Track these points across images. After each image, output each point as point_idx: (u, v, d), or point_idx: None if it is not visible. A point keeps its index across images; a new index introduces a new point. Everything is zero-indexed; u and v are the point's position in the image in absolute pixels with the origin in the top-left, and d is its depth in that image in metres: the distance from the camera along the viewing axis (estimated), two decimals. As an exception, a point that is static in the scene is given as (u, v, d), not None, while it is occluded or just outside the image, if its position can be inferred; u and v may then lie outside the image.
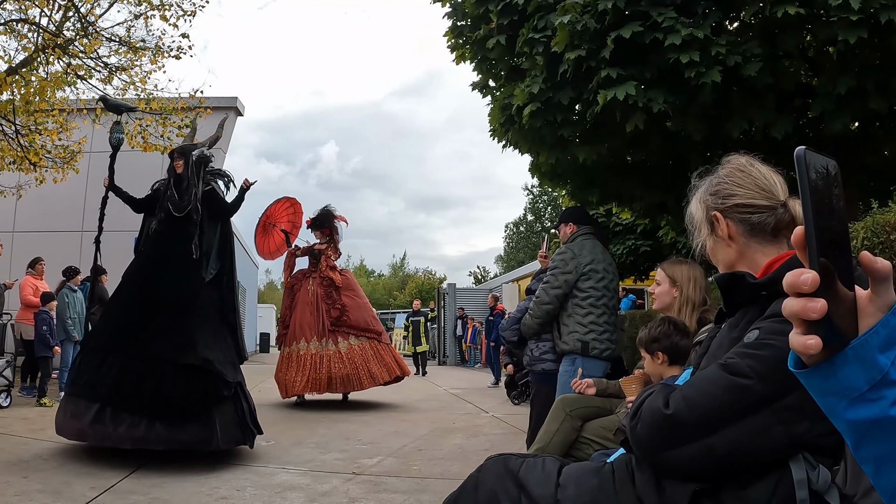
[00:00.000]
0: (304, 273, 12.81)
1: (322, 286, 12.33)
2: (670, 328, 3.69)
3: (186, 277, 7.43)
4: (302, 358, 11.75)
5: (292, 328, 12.23)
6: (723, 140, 6.73)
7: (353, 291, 12.72)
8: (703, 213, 2.22)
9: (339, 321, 12.02)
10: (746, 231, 2.10)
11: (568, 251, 6.14)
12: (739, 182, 2.14)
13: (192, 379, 6.74)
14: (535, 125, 6.44)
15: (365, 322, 12.29)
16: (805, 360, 0.96)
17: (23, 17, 11.79)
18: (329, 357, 11.67)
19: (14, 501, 5.06)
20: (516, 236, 64.94)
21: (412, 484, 6.08)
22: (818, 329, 0.92)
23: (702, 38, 5.44)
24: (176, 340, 6.91)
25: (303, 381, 11.52)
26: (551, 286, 6.05)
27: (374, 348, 12.08)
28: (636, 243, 14.94)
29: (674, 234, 11.49)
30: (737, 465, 1.76)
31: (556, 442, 4.46)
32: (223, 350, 7.27)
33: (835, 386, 0.95)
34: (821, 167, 0.97)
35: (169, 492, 5.56)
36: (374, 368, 11.79)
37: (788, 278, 0.92)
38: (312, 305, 12.23)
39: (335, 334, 11.93)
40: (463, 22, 7.78)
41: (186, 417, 6.54)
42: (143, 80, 13.00)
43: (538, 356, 6.37)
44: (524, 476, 2.10)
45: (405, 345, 27.24)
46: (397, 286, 71.15)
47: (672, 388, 1.93)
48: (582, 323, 6.00)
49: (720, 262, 2.22)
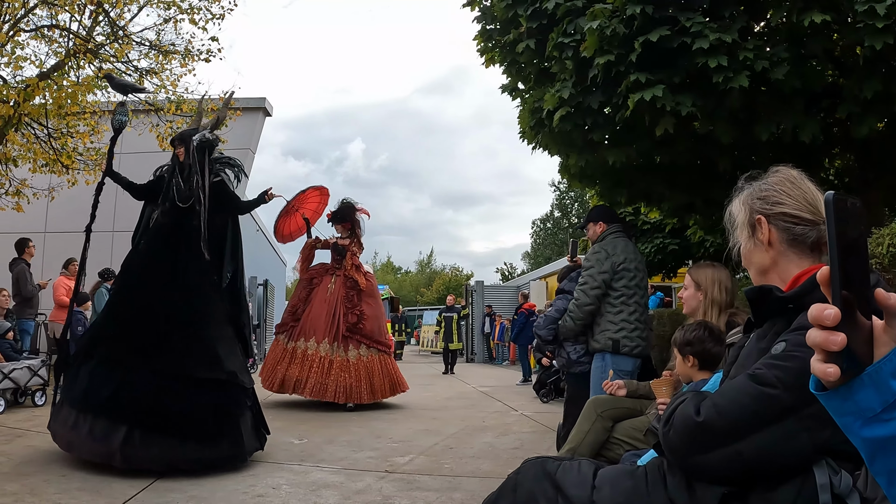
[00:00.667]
0: (326, 268, 12.22)
1: (344, 287, 11.73)
2: (705, 334, 3.75)
3: (200, 282, 6.99)
4: (309, 358, 11.12)
5: (303, 323, 11.55)
6: (751, 143, 6.76)
7: (374, 299, 12.17)
8: (745, 216, 2.25)
9: (354, 328, 11.44)
10: (787, 240, 2.15)
11: (601, 251, 6.23)
12: (789, 192, 2.18)
13: (218, 394, 6.46)
14: (566, 129, 6.49)
15: (379, 333, 11.86)
16: (825, 385, 1.08)
17: (53, 22, 11.99)
18: (338, 364, 11.08)
19: (55, 499, 5.16)
20: (543, 233, 64.73)
21: (444, 482, 6.16)
22: (838, 358, 1.04)
23: (729, 43, 5.48)
24: (201, 354, 6.56)
25: (305, 382, 10.87)
26: (590, 287, 6.13)
27: (381, 361, 11.60)
28: (664, 242, 14.92)
29: (702, 234, 11.49)
30: (763, 469, 1.85)
31: (587, 442, 4.54)
32: (238, 356, 6.99)
33: (851, 407, 1.07)
34: (847, 211, 1.10)
35: (207, 490, 5.65)
36: (377, 382, 11.32)
37: (813, 311, 1.05)
38: (330, 305, 11.58)
39: (348, 341, 11.35)
40: (492, 26, 7.85)
41: (215, 434, 6.28)
42: (174, 84, 13.16)
43: (575, 359, 6.43)
44: (561, 478, 2.19)
45: (437, 341, 26.65)
46: (424, 283, 71.21)
47: (703, 396, 2.01)
48: (613, 321, 6.08)
49: (754, 265, 2.25)
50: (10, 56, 10.86)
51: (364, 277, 11.94)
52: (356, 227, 12.29)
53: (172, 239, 7.07)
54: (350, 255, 11.94)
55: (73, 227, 18.60)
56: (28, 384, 10.16)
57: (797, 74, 5.70)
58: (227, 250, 7.43)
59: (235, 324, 7.25)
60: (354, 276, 11.80)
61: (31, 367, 10.27)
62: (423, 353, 35.86)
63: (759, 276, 2.24)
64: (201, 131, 7.41)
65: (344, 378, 10.95)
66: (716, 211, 8.85)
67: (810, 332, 1.06)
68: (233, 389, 6.61)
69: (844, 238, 1.07)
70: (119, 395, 6.19)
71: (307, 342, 11.26)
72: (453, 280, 68.20)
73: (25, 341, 11.78)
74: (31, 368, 10.22)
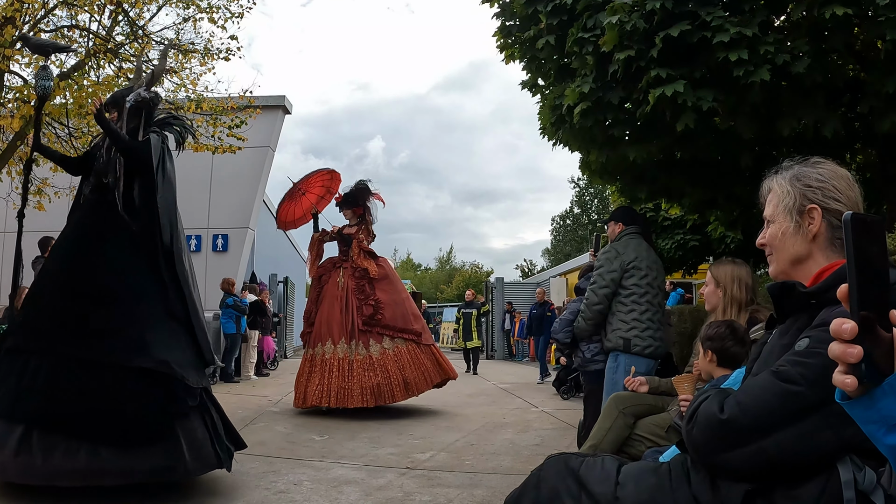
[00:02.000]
0: (334, 262, 11.16)
1: (354, 278, 10.63)
2: (727, 331, 3.75)
3: (130, 259, 5.75)
4: (328, 363, 10.07)
5: (317, 327, 10.59)
6: (773, 138, 6.73)
7: (391, 284, 10.86)
8: (794, 200, 2.18)
9: (372, 320, 10.31)
10: (831, 237, 2.12)
11: (612, 250, 6.24)
12: (846, 192, 2.15)
13: (147, 388, 5.24)
14: (586, 124, 6.48)
15: (403, 320, 10.53)
16: (848, 394, 1.11)
17: (73, 22, 12.05)
18: (359, 363, 9.96)
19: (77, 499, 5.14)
20: (563, 230, 64.62)
21: (465, 478, 6.17)
22: (857, 370, 1.07)
23: (750, 37, 5.46)
24: (123, 339, 5.36)
25: (327, 390, 9.80)
26: (599, 286, 6.14)
27: (411, 352, 10.39)
28: (685, 238, 14.87)
29: (722, 230, 11.44)
30: (788, 466, 1.84)
31: (609, 439, 4.54)
32: (182, 350, 5.65)
33: (874, 415, 1.10)
34: (866, 230, 1.12)
35: (227, 485, 5.69)
36: (411, 376, 10.12)
37: (833, 325, 1.10)
38: (342, 301, 10.53)
39: (367, 336, 10.25)
40: (512, 22, 7.84)
41: (143, 439, 5.09)
42: (194, 82, 13.22)
43: (590, 358, 6.45)
44: (584, 474, 2.20)
45: (455, 339, 26.12)
46: (444, 280, 71.16)
47: (726, 393, 2.01)
48: (625, 320, 6.08)
49: (787, 252, 2.20)
50: (30, 56, 10.93)
51: (374, 264, 10.80)
52: (367, 213, 11.26)
53: (99, 216, 5.90)
54: (356, 243, 10.90)
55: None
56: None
57: (819, 68, 5.67)
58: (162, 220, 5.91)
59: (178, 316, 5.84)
60: (363, 264, 10.72)
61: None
62: (443, 349, 35.89)
63: (791, 264, 2.19)
64: (136, 89, 6.26)
65: (369, 377, 9.85)
66: (737, 206, 8.84)
67: (831, 346, 1.12)
68: (169, 384, 5.33)
69: (863, 255, 1.11)
70: (16, 389, 5.12)
71: (324, 346, 10.29)
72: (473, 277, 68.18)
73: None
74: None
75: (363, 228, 11.09)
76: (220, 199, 19.77)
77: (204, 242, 19.84)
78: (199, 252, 19.61)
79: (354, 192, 11.25)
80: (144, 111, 6.18)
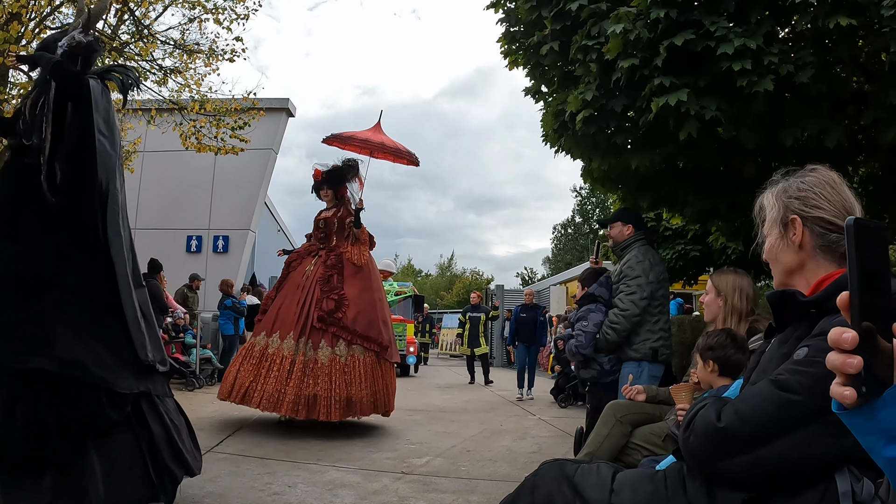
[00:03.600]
0: (309, 249, 9.67)
1: (324, 266, 9.12)
2: (727, 340, 3.74)
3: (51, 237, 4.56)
4: (269, 358, 8.51)
5: (270, 314, 9.07)
6: (776, 148, 6.72)
7: (366, 280, 9.27)
8: (779, 213, 2.21)
9: (330, 317, 8.68)
10: (819, 245, 2.12)
11: (645, 259, 6.21)
12: (828, 197, 2.15)
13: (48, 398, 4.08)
14: (589, 132, 6.46)
15: (369, 325, 8.85)
16: (845, 406, 1.09)
17: (78, 20, 12.08)
18: (301, 366, 8.38)
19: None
20: (564, 238, 64.68)
21: (461, 484, 6.16)
22: (856, 381, 1.05)
23: (754, 48, 5.45)
24: (23, 332, 4.21)
25: (260, 390, 8.26)
26: (640, 297, 6.09)
27: (367, 366, 8.66)
28: (686, 248, 14.83)
29: (724, 240, 11.41)
30: (785, 475, 1.83)
31: (605, 447, 4.53)
32: (107, 346, 4.45)
33: (873, 427, 1.08)
34: (868, 236, 1.10)
35: (223, 486, 5.67)
36: (357, 394, 8.40)
37: (832, 335, 1.07)
38: (303, 290, 9.00)
39: (320, 335, 8.62)
40: (516, 28, 7.83)
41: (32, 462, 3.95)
42: (198, 83, 13.26)
43: (609, 369, 6.28)
44: (580, 481, 2.18)
45: (456, 345, 24.30)
46: (444, 286, 71.18)
47: (724, 401, 2.00)
48: (653, 330, 6.09)
49: (780, 264, 2.22)
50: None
51: (361, 254, 9.34)
52: (346, 194, 9.77)
53: (19, 185, 4.71)
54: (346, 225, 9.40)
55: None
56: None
57: (823, 79, 5.66)
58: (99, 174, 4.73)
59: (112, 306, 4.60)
60: (347, 250, 9.28)
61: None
62: (442, 356, 35.95)
63: (785, 275, 2.21)
64: (71, 32, 5.12)
65: (308, 385, 8.25)
66: (739, 217, 8.81)
67: (829, 356, 1.10)
68: (76, 390, 4.18)
69: (865, 263, 1.09)
70: None
71: (269, 337, 8.73)
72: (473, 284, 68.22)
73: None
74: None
75: (343, 210, 9.58)
76: (221, 200, 19.83)
77: (205, 243, 19.89)
78: (200, 253, 19.67)
79: (342, 169, 9.71)
80: (81, 58, 5.05)
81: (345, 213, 9.49)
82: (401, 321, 19.54)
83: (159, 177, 19.26)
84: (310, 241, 9.88)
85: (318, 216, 9.74)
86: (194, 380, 13.22)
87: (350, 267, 9.18)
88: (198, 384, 13.20)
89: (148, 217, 19.54)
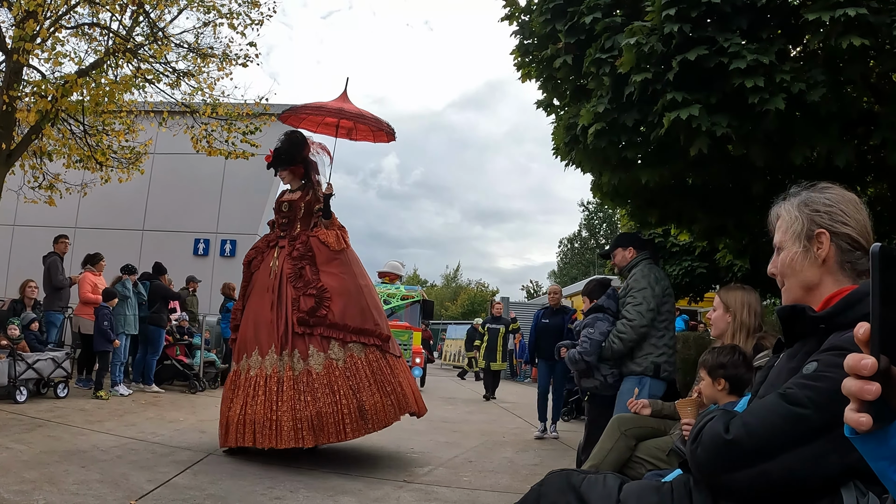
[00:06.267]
0: (269, 240, 8.04)
1: (291, 259, 7.54)
2: (739, 359, 3.71)
3: None
4: (252, 382, 7.07)
5: (243, 331, 7.56)
6: (785, 166, 6.72)
7: (344, 266, 7.64)
8: (803, 225, 2.14)
9: (313, 316, 7.19)
10: (842, 261, 2.09)
11: (650, 273, 6.23)
12: (854, 215, 2.12)
13: None
14: (600, 145, 6.47)
15: (361, 317, 7.37)
16: (859, 431, 1.10)
17: (94, 20, 12.18)
18: (291, 382, 6.92)
19: (73, 489, 5.22)
20: (570, 252, 64.69)
21: (462, 494, 6.15)
22: (871, 407, 1.05)
23: (766, 64, 5.45)
24: None
25: (250, 421, 6.86)
26: (646, 308, 6.11)
27: (373, 364, 7.24)
28: (692, 265, 14.81)
29: (730, 257, 11.41)
30: (792, 489, 1.82)
31: (609, 460, 4.52)
32: None
33: (886, 452, 1.08)
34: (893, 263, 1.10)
35: (224, 489, 5.69)
36: (370, 400, 6.97)
37: (850, 361, 1.08)
38: (273, 292, 7.44)
39: (305, 341, 7.15)
40: (530, 40, 7.85)
41: None
42: (211, 87, 13.31)
43: (612, 383, 6.29)
44: (586, 491, 2.18)
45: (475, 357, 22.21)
46: (449, 297, 71.17)
47: (732, 415, 1.99)
48: (657, 345, 6.10)
49: (799, 279, 2.16)
50: (50, 52, 11.02)
51: (339, 238, 7.78)
52: (312, 171, 8.19)
53: None
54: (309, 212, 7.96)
55: (104, 223, 18.97)
56: (51, 375, 10.32)
57: (834, 98, 5.66)
58: None
59: None
60: (323, 235, 7.74)
61: (55, 358, 10.41)
62: (445, 366, 35.94)
63: (803, 291, 2.16)
64: None
65: (305, 403, 6.83)
66: (747, 235, 8.81)
67: (846, 382, 1.10)
68: None
69: (888, 290, 1.08)
70: None
71: (249, 359, 7.28)
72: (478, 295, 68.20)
73: (52, 333, 11.97)
74: (55, 360, 10.39)
75: (310, 192, 8.02)
76: (230, 204, 19.84)
77: (212, 247, 19.88)
78: (207, 256, 19.68)
79: (287, 147, 8.10)
80: None
81: (313, 199, 7.98)
82: (406, 328, 18.63)
83: (169, 179, 19.27)
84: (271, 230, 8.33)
85: (281, 197, 8.21)
86: (197, 382, 13.23)
87: (324, 252, 7.60)
88: (200, 387, 13.22)
89: (156, 219, 19.58)
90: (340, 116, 8.58)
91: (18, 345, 9.96)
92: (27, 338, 10.35)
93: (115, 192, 15.41)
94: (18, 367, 9.69)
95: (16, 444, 6.70)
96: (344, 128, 9.00)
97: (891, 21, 5.03)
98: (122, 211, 18.94)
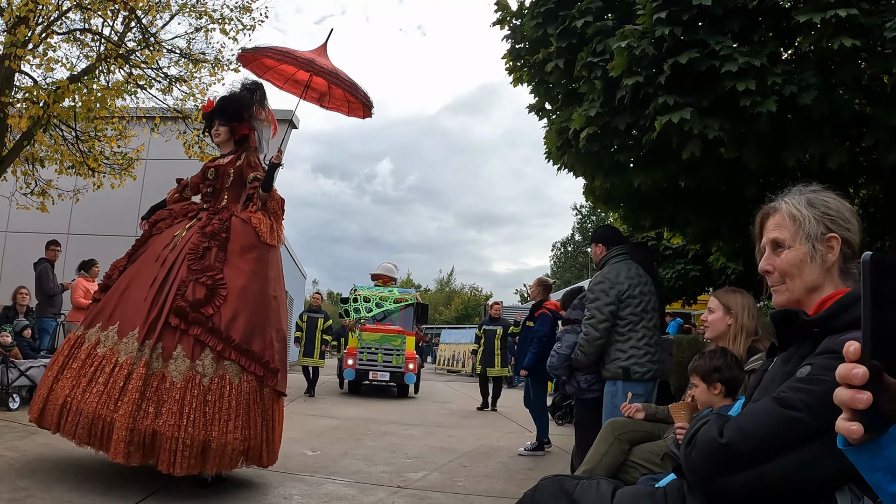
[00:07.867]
0: (185, 210, 6.78)
1: (200, 233, 6.20)
2: (732, 360, 3.70)
3: None
4: (95, 361, 5.65)
5: (111, 296, 6.13)
6: (778, 169, 6.72)
7: (262, 264, 6.26)
8: (817, 228, 2.12)
9: (194, 310, 5.77)
10: (844, 266, 2.10)
11: (605, 280, 6.18)
12: (853, 221, 2.14)
13: None
14: (592, 149, 6.45)
15: (248, 333, 5.91)
16: (851, 442, 1.09)
17: (86, 26, 12.16)
18: (140, 382, 5.40)
19: (66, 497, 5.17)
20: (563, 256, 64.79)
21: (456, 500, 6.14)
22: (863, 417, 1.05)
23: (758, 67, 5.45)
24: None
25: (76, 409, 5.41)
26: (598, 321, 6.09)
27: (244, 395, 5.74)
28: (686, 268, 14.84)
29: (724, 260, 11.42)
30: (786, 493, 1.82)
31: (603, 464, 4.51)
32: None
33: (880, 463, 1.08)
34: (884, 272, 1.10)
35: (216, 497, 5.66)
36: (218, 438, 5.45)
37: (841, 370, 1.08)
38: (163, 266, 6.07)
39: (174, 336, 5.71)
40: (521, 45, 7.84)
41: None
42: (203, 92, 13.29)
43: (586, 387, 6.39)
44: (579, 497, 2.17)
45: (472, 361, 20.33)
46: (443, 301, 71.17)
47: (726, 418, 1.99)
48: (622, 349, 6.04)
49: (804, 280, 2.13)
50: (41, 57, 11.01)
51: (272, 228, 6.45)
52: (252, 135, 6.84)
53: None
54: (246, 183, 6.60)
55: (97, 229, 18.93)
56: (44, 383, 10.24)
57: (826, 100, 5.67)
58: None
59: None
60: (255, 219, 6.39)
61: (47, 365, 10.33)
62: (440, 371, 35.94)
63: (806, 292, 2.14)
64: None
65: (147, 415, 5.34)
66: (740, 237, 8.80)
67: (837, 391, 1.10)
68: None
69: (879, 298, 1.08)
70: None
71: (102, 331, 5.84)
72: (472, 300, 68.23)
73: (45, 340, 11.88)
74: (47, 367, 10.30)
75: (243, 156, 6.67)
76: (223, 210, 19.77)
77: (205, 253, 19.81)
78: (200, 262, 19.59)
79: (237, 99, 6.82)
80: None
81: (246, 165, 6.61)
82: (399, 332, 17.55)
83: (161, 185, 19.18)
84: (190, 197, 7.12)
85: (209, 163, 6.93)
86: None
87: (242, 239, 6.27)
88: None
89: (149, 225, 19.50)
90: (311, 70, 7.02)
91: (11, 352, 9.91)
92: (20, 345, 10.30)
93: (106, 198, 15.35)
94: (11, 375, 9.63)
95: (8, 451, 6.66)
96: (315, 90, 7.72)
97: (882, 22, 5.03)
98: (115, 217, 18.88)
